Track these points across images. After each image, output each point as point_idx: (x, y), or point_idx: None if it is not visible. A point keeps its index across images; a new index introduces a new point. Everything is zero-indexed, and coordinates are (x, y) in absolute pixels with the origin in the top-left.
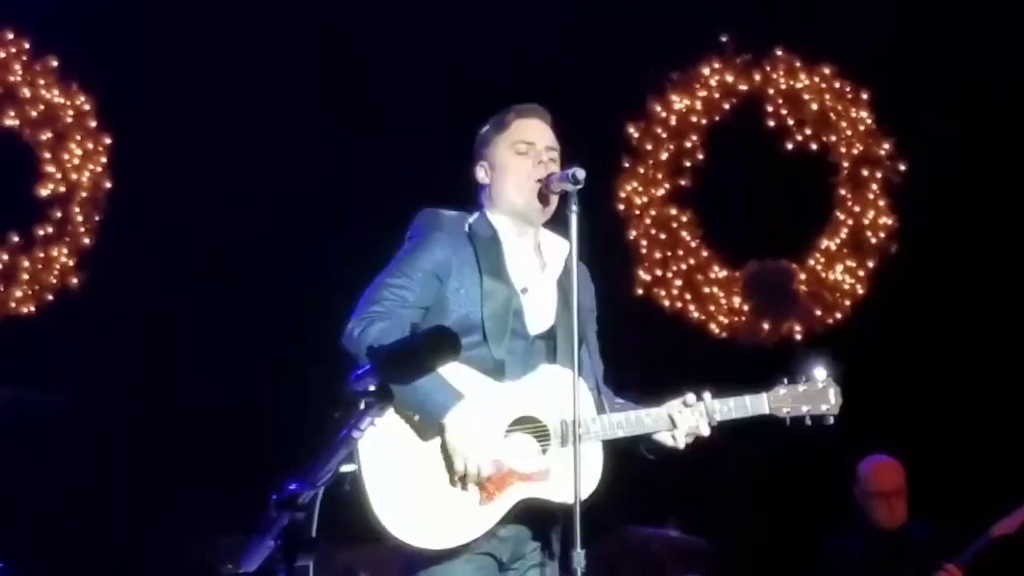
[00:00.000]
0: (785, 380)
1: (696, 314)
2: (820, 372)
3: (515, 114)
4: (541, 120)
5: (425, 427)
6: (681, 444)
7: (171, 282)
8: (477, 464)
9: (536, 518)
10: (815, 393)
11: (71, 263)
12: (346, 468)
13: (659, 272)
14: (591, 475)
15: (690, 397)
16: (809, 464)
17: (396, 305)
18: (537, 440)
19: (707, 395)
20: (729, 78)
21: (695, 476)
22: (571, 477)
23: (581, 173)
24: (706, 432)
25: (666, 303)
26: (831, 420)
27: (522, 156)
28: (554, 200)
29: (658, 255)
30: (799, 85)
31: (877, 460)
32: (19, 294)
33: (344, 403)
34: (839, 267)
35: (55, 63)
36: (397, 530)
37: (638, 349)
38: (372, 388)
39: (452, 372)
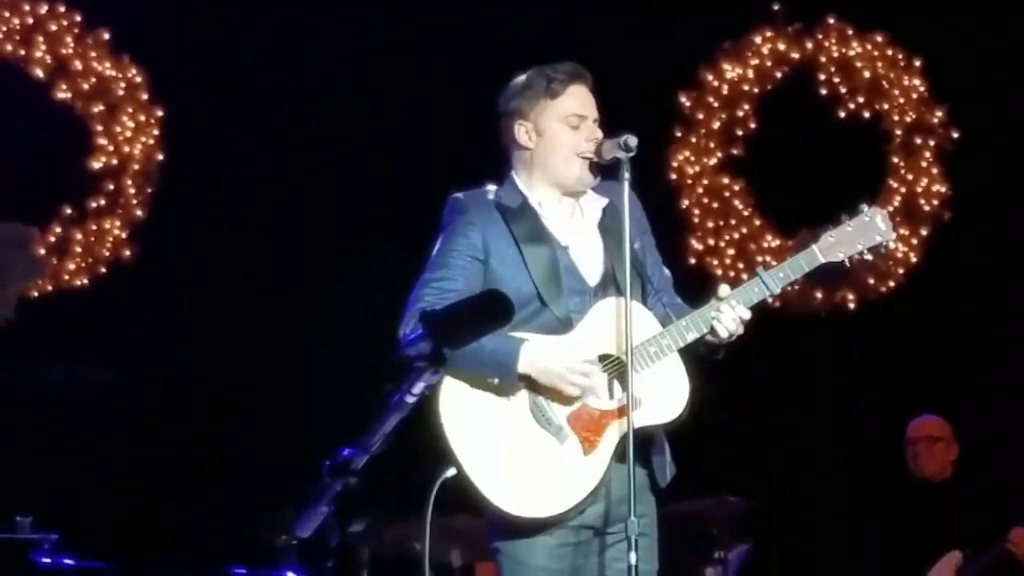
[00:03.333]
0: (830, 227)
1: None
2: (863, 206)
3: (564, 80)
4: (587, 85)
5: (507, 388)
6: (733, 328)
7: (223, 254)
8: (580, 370)
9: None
10: (864, 226)
11: (124, 236)
12: (448, 474)
13: (711, 241)
14: (678, 389)
15: (723, 289)
16: (859, 432)
17: (439, 297)
18: (617, 374)
19: (760, 269)
20: (781, 46)
21: (745, 445)
22: (662, 395)
23: (633, 140)
24: (769, 299)
25: (719, 272)
26: (890, 246)
27: (574, 130)
28: (585, 171)
29: (710, 224)
30: (851, 53)
31: (921, 415)
32: (72, 267)
33: (395, 370)
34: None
35: (107, 36)
36: (518, 509)
37: None
38: (424, 352)
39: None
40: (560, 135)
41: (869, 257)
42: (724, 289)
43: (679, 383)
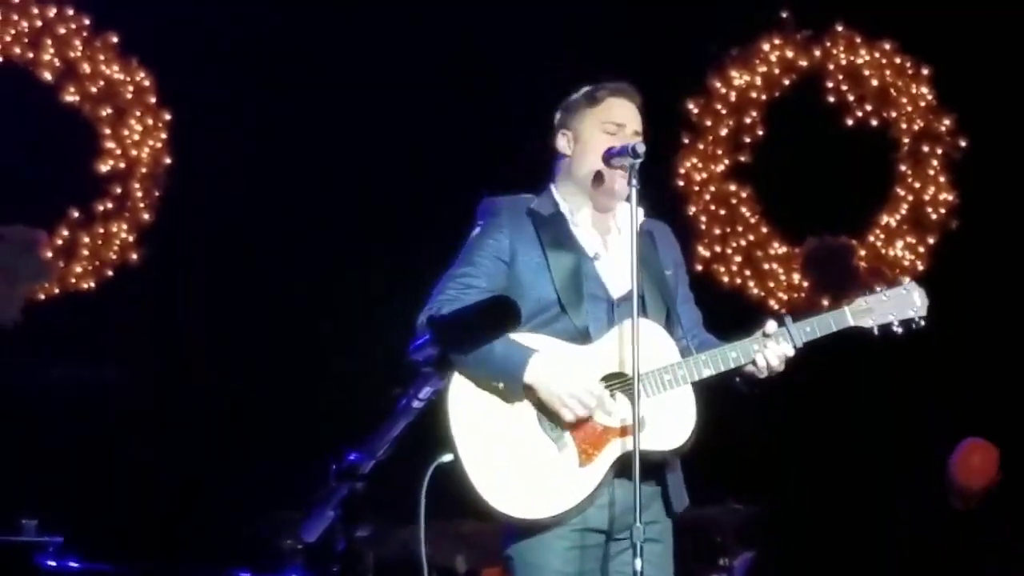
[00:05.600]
0: (866, 292)
1: (755, 290)
2: (903, 278)
3: (609, 91)
4: (632, 102)
5: (512, 394)
6: (765, 373)
7: (230, 257)
8: (580, 398)
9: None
10: (899, 298)
11: (131, 239)
12: (444, 459)
13: (718, 248)
14: (685, 419)
15: (770, 325)
16: (867, 441)
17: (461, 291)
18: (627, 394)
19: (788, 319)
20: (789, 54)
21: (752, 452)
22: (667, 423)
23: (641, 147)
24: (791, 353)
25: (725, 279)
26: (921, 323)
27: (609, 136)
28: (610, 179)
29: (717, 231)
30: (859, 61)
31: (968, 452)
32: (79, 270)
33: (403, 375)
34: (899, 243)
35: (115, 39)
36: (503, 506)
37: None
38: (431, 357)
39: (534, 343)
40: (594, 139)
41: (899, 329)
42: (771, 325)
43: (686, 414)
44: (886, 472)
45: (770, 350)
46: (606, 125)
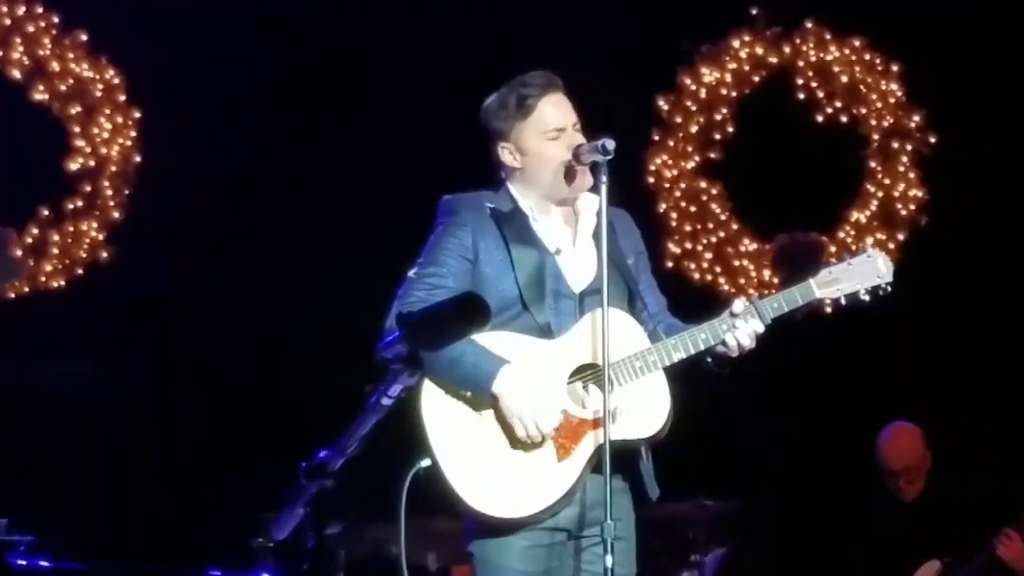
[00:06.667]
0: (832, 262)
1: (726, 287)
2: (867, 247)
3: (536, 96)
4: (560, 92)
5: (479, 403)
6: (736, 352)
7: (201, 256)
8: (535, 422)
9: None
10: (864, 265)
11: (101, 237)
12: (423, 464)
13: (689, 245)
14: (660, 406)
15: (737, 305)
16: (837, 434)
17: (429, 293)
18: (600, 385)
19: (755, 297)
20: (759, 51)
21: (723, 448)
22: (641, 410)
23: (611, 144)
24: (761, 329)
25: (696, 276)
26: (888, 290)
27: (555, 142)
28: (581, 176)
29: (688, 228)
30: (829, 57)
31: (892, 432)
32: (49, 268)
33: (374, 373)
34: (869, 240)
35: (84, 37)
36: (484, 506)
37: None
38: (400, 355)
39: (500, 340)
40: (541, 150)
41: (866, 297)
42: (739, 305)
43: (660, 401)
44: (857, 468)
45: (740, 329)
46: (548, 133)
